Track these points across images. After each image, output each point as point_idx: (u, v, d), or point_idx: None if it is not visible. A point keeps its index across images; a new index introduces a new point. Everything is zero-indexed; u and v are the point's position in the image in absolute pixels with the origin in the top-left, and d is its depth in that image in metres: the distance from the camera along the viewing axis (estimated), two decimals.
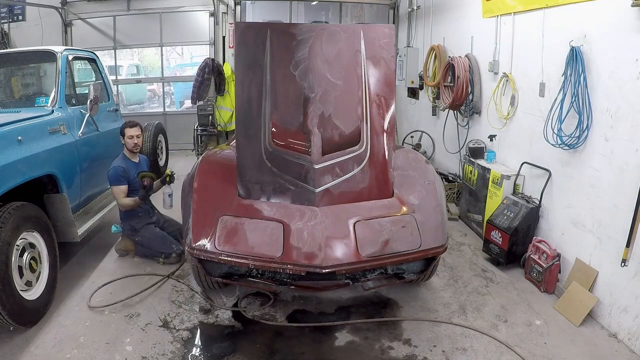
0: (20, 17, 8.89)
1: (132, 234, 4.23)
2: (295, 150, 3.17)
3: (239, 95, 3.31)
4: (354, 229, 2.89)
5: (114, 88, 5.46)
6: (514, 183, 4.38)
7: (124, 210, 4.20)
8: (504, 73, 4.66)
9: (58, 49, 4.29)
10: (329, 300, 3.54)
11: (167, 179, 4.24)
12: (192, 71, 8.64)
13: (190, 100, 8.51)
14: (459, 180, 5.79)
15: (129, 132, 4.24)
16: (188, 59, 11.60)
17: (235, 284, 3.29)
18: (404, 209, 3.09)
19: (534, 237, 3.95)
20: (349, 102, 3.27)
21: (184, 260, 4.11)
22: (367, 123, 3.25)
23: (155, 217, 4.42)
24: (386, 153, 3.29)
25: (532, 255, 3.83)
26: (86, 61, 5.00)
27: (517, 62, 4.52)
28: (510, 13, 4.55)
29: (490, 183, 4.61)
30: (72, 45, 8.37)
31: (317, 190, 3.11)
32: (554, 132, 3.63)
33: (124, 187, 4.11)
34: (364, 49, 3.31)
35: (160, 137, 7.18)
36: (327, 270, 2.70)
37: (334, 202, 3.08)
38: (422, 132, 7.10)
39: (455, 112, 5.86)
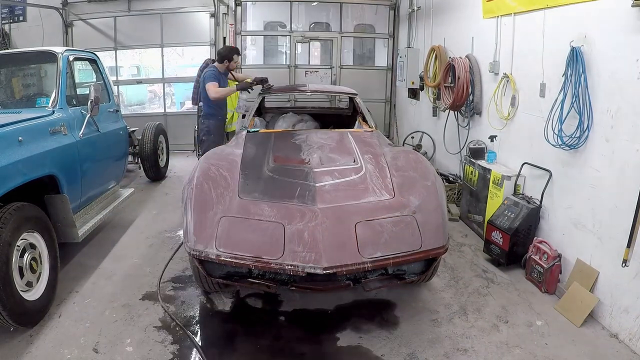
0: (20, 18, 8.89)
1: (204, 133, 5.21)
2: (295, 162, 3.60)
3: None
4: (355, 230, 2.89)
5: (114, 89, 5.46)
6: (515, 183, 4.38)
7: (213, 104, 5.08)
8: (505, 73, 4.66)
9: (59, 49, 4.29)
10: (329, 301, 3.54)
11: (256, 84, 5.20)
12: (193, 72, 8.64)
13: (190, 101, 8.51)
14: (459, 180, 5.78)
15: (237, 59, 5.24)
16: (189, 60, 11.58)
17: (235, 285, 3.29)
18: (405, 209, 3.09)
19: (535, 238, 3.95)
20: (342, 150, 3.93)
21: None
22: (360, 157, 3.71)
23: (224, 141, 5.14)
24: (382, 162, 3.58)
25: (532, 256, 3.83)
26: (87, 62, 5.00)
27: (517, 62, 4.52)
28: (511, 14, 4.56)
29: (490, 184, 4.61)
30: (72, 46, 8.38)
31: (318, 191, 3.12)
32: (554, 132, 3.63)
33: (216, 84, 4.94)
34: (352, 140, 4.08)
35: (161, 138, 7.19)
36: (327, 272, 2.70)
37: (335, 203, 3.08)
38: (423, 132, 7.10)
39: (455, 112, 5.86)
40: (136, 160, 6.90)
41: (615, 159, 3.17)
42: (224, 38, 8.93)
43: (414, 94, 7.78)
